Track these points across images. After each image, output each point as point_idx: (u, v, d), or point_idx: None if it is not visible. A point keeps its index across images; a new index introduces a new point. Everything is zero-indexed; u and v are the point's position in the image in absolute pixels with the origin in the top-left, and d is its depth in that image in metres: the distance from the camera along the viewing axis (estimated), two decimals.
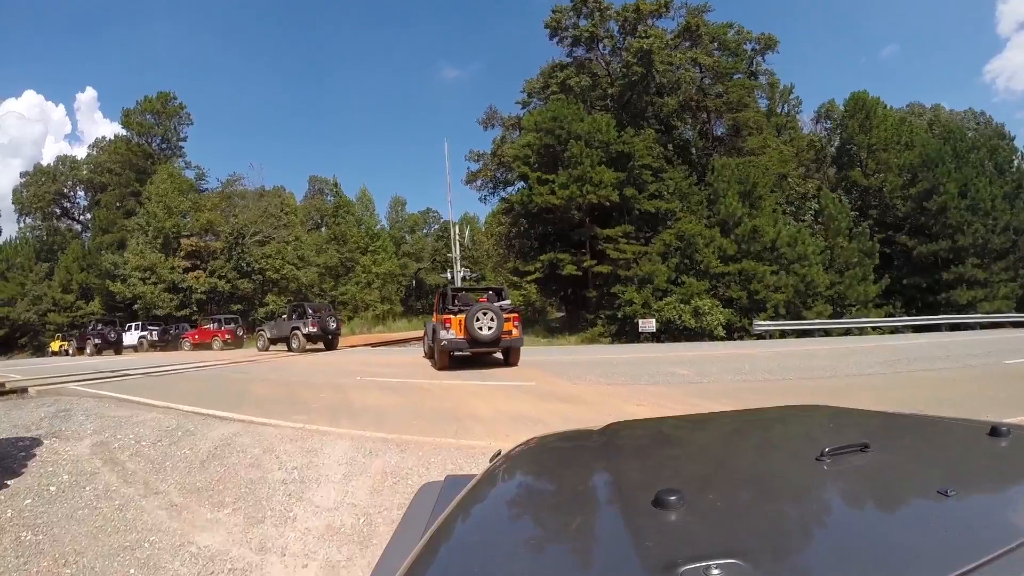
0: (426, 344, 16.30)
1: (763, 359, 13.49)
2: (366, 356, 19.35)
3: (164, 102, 49.50)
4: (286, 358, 18.96)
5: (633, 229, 28.20)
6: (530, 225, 31.20)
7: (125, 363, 19.60)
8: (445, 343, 12.65)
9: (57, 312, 44.93)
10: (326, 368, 14.66)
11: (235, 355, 22.13)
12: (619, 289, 27.27)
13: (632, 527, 0.89)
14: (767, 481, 1.15)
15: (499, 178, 36.36)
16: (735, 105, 34.40)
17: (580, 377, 11.15)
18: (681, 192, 30.89)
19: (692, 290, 26.19)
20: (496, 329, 12.58)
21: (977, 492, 1.01)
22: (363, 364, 15.35)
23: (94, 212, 50.39)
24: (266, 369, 15.00)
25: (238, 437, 6.61)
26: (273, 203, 46.07)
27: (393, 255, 57.62)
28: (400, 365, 14.70)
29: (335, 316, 23.74)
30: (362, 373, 12.90)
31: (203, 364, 17.35)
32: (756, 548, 0.79)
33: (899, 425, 1.67)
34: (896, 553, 0.78)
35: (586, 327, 28.32)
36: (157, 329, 33.61)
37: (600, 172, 26.33)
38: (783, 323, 25.59)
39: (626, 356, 15.24)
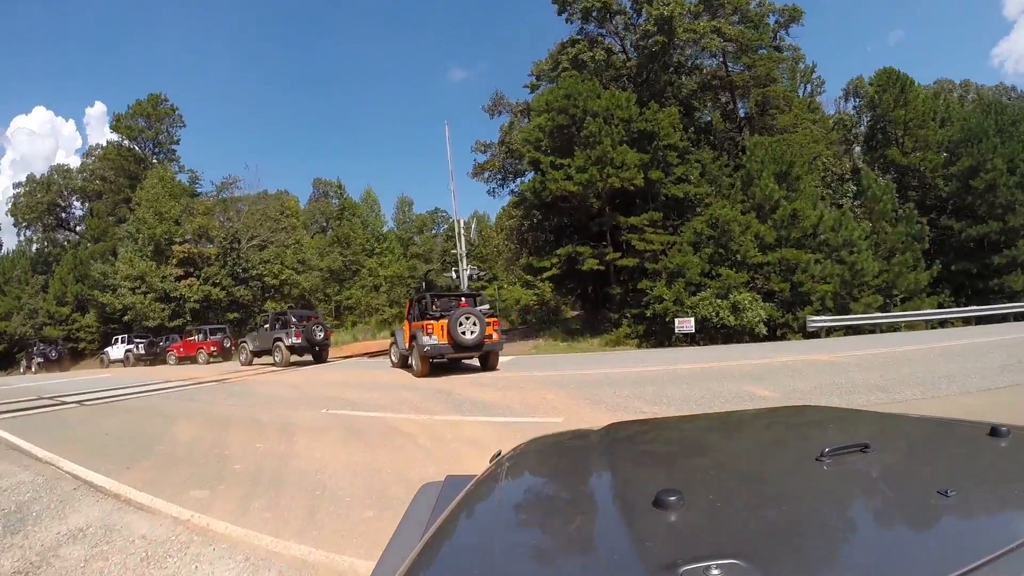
0: (395, 354, 15.92)
1: (854, 368, 10.38)
2: (352, 372, 16.49)
3: (155, 104, 47.14)
4: (257, 376, 16.18)
5: (661, 216, 25.04)
6: (544, 217, 28.06)
7: (68, 385, 16.89)
8: (428, 348, 12.61)
9: (52, 325, 43.57)
10: (292, 393, 11.81)
11: (210, 371, 19.37)
12: (647, 284, 24.21)
13: (632, 527, 0.89)
14: (767, 481, 1.16)
15: (508, 168, 33.20)
16: (762, 80, 31.18)
17: (623, 406, 8.08)
18: (711, 175, 27.85)
19: (729, 283, 23.07)
20: (479, 333, 12.70)
21: (977, 492, 1.00)
22: (342, 385, 12.54)
23: (86, 221, 48.40)
24: (221, 395, 12.11)
25: (84, 535, 4.27)
26: (272, 206, 43.58)
27: (401, 256, 55.17)
28: (385, 387, 11.79)
29: (323, 325, 21.08)
30: (333, 401, 10.00)
31: (155, 386, 14.84)
32: (756, 548, 0.79)
33: (899, 425, 1.68)
34: (896, 553, 0.78)
35: (609, 328, 25.26)
36: (143, 342, 31.76)
37: (622, 152, 23.23)
38: (842, 318, 22.43)
39: (672, 368, 12.13)
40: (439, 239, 64.12)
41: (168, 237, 37.48)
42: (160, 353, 30.42)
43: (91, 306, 40.36)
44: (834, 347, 14.97)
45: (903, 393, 7.74)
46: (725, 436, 1.69)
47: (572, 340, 24.74)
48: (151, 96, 47.33)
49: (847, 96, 41.78)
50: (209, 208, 40.38)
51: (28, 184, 51.67)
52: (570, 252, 24.28)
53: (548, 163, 24.00)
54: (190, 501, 4.91)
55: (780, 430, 1.71)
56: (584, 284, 28.02)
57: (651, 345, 23.96)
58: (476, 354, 13.55)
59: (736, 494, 1.06)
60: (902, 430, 1.60)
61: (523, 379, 11.80)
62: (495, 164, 33.28)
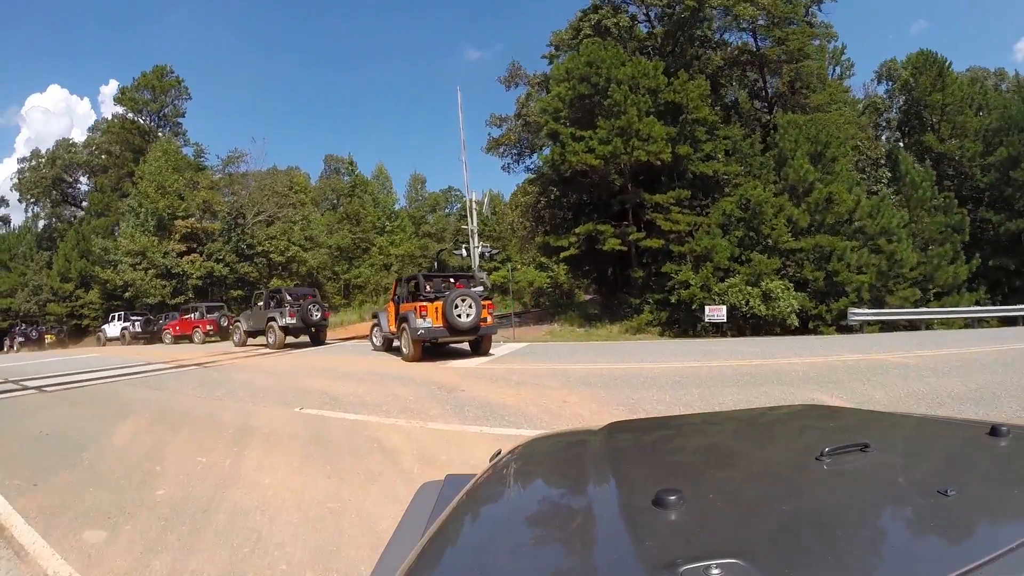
0: (377, 336, 15.52)
1: (929, 373, 8.63)
2: (346, 357, 14.87)
3: (160, 76, 45.66)
4: (245, 360, 14.67)
5: (688, 195, 23.20)
6: (562, 193, 26.16)
7: (44, 366, 15.55)
8: (422, 331, 12.03)
9: (57, 302, 42.98)
10: (271, 382, 10.27)
11: (200, 352, 18.00)
12: (671, 268, 22.46)
13: (632, 527, 0.89)
14: (767, 481, 1.16)
15: (524, 143, 31.30)
16: (795, 55, 29.06)
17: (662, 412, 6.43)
18: (741, 153, 25.96)
19: (760, 269, 21.30)
20: (475, 316, 12.25)
21: (977, 492, 1.00)
22: (329, 373, 10.98)
23: (89, 195, 47.34)
24: (192, 383, 10.57)
25: None
26: (280, 181, 42.15)
27: (412, 235, 53.79)
28: (376, 377, 10.17)
29: (321, 304, 19.32)
30: (312, 395, 8.44)
31: (132, 369, 13.56)
32: (756, 548, 0.79)
33: (899, 425, 1.69)
34: (896, 553, 0.79)
35: (630, 314, 23.55)
36: (139, 320, 30.84)
37: (649, 124, 21.33)
38: (885, 312, 20.66)
39: (715, 366, 10.37)
40: (452, 218, 62.62)
41: (171, 212, 36.30)
42: (157, 332, 29.53)
43: (94, 283, 39.54)
44: (889, 345, 13.18)
45: (1003, 407, 6.09)
46: (725, 435, 1.68)
47: (589, 326, 23.09)
48: (156, 68, 45.94)
49: (879, 79, 39.63)
50: (214, 182, 39.03)
51: (33, 159, 50.67)
52: (590, 231, 22.46)
53: (568, 135, 22.17)
54: (78, 548, 3.61)
55: (780, 430, 1.71)
56: (603, 266, 26.20)
57: (674, 334, 22.32)
58: (471, 338, 13.07)
59: (736, 494, 1.07)
60: (902, 430, 1.63)
61: (539, 372, 10.27)
62: (511, 138, 31.38)
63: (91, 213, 44.85)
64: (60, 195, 51.50)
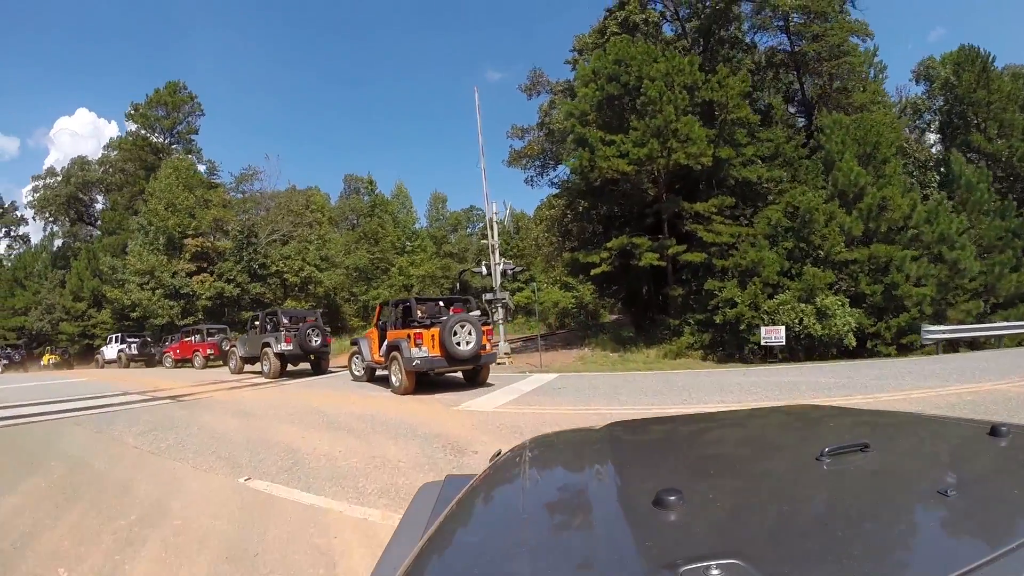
0: (358, 366, 14.05)
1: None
2: (338, 393, 12.34)
3: (173, 92, 44.74)
4: (227, 394, 12.56)
5: (733, 202, 20.90)
6: (591, 205, 23.89)
7: (8, 393, 13.69)
8: (418, 362, 10.72)
9: (69, 321, 42.26)
10: (235, 428, 8.08)
11: (189, 380, 16.07)
12: (714, 284, 20.12)
13: (632, 527, 0.91)
14: (767, 481, 1.16)
15: (548, 153, 29.25)
16: (835, 51, 26.82)
17: None
18: (785, 157, 23.67)
19: (814, 284, 18.96)
20: (475, 343, 11.10)
21: (977, 492, 0.99)
22: (309, 417, 8.76)
23: (102, 214, 46.47)
24: (142, 427, 8.36)
25: None
26: (296, 200, 40.70)
27: (433, 255, 51.96)
28: (364, 424, 7.93)
29: (321, 328, 16.83)
30: (275, 452, 6.32)
31: (94, 402, 11.63)
32: (756, 548, 0.80)
33: (899, 425, 1.68)
34: (896, 553, 0.79)
35: (668, 336, 21.21)
36: (136, 342, 29.64)
37: (688, 123, 19.10)
38: (965, 328, 18.18)
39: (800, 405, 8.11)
40: (474, 237, 60.78)
41: (181, 230, 34.88)
42: (154, 354, 28.64)
43: (105, 302, 38.41)
44: (994, 368, 10.75)
45: None
46: (725, 436, 1.67)
47: (623, 350, 20.79)
48: (169, 84, 45.22)
49: (917, 79, 37.40)
50: (226, 200, 37.62)
51: (47, 176, 50.16)
52: (624, 244, 20.13)
53: (597, 139, 20.03)
54: None
55: (780, 430, 1.70)
56: (636, 284, 23.78)
57: (718, 359, 19.97)
58: (470, 367, 11.81)
59: (736, 494, 1.06)
60: (902, 430, 1.61)
61: (579, 421, 7.75)
62: (534, 148, 29.34)
63: (103, 231, 44.02)
64: (76, 214, 50.80)
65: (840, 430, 1.56)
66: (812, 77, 28.91)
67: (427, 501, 1.41)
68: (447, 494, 1.38)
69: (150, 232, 35.42)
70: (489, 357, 11.97)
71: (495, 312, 18.17)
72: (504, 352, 17.90)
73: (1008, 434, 1.21)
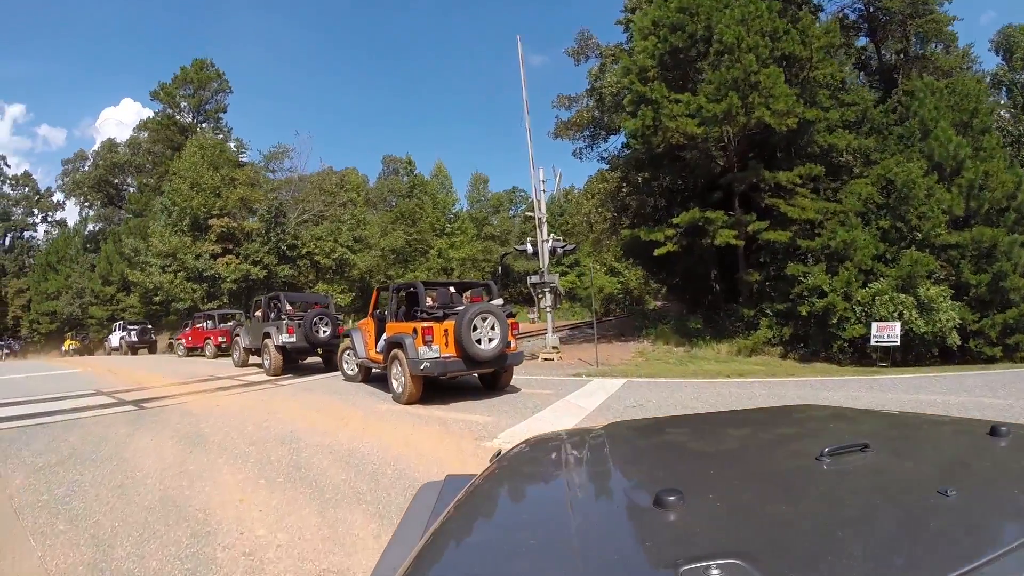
0: (350, 363, 11.45)
1: None
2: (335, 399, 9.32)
3: (199, 69, 42.95)
4: (201, 398, 9.91)
5: (822, 171, 17.55)
6: (652, 176, 20.65)
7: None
8: (427, 365, 8.11)
9: (98, 305, 41.66)
10: (160, 469, 5.18)
11: (180, 375, 13.72)
12: (797, 269, 16.96)
13: (632, 527, 0.92)
14: (767, 481, 1.15)
15: (599, 121, 26.08)
16: (919, 8, 23.27)
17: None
18: (873, 123, 20.25)
19: (915, 271, 15.70)
20: (500, 341, 8.47)
21: (977, 492, 0.99)
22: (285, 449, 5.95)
23: (128, 196, 45.22)
24: (44, 459, 5.85)
25: None
26: (329, 179, 38.57)
27: (474, 238, 49.55)
28: (361, 472, 4.99)
29: (331, 317, 13.84)
30: (190, 539, 3.66)
31: (47, 406, 9.37)
32: (756, 548, 0.78)
33: (899, 425, 1.67)
34: (896, 553, 0.78)
35: (741, 329, 18.13)
36: (136, 329, 28.84)
37: (773, 75, 15.83)
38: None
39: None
40: (516, 220, 58.03)
41: (206, 210, 32.93)
42: (155, 341, 28.87)
43: (133, 285, 37.20)
44: None
45: None
46: (725, 436, 1.62)
47: (688, 344, 17.79)
48: (195, 61, 43.57)
49: (997, 49, 33.47)
50: (252, 178, 35.60)
51: (76, 160, 49.46)
52: (695, 219, 16.92)
53: (662, 93, 16.86)
54: None
55: (780, 430, 1.66)
56: (701, 267, 20.50)
57: (799, 357, 16.90)
58: (491, 370, 9.13)
59: (736, 494, 1.05)
60: (902, 430, 1.60)
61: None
62: (584, 117, 26.15)
63: (130, 213, 42.79)
64: (106, 197, 49.84)
65: (840, 430, 1.55)
66: (899, 36, 25.36)
67: (427, 501, 1.38)
68: (447, 494, 1.35)
69: (173, 213, 33.75)
70: (515, 357, 9.35)
71: (542, 298, 15.20)
72: (552, 346, 14.97)
73: (1008, 434, 1.20)
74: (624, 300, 45.72)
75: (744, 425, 1.75)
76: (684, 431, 1.74)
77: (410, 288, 9.88)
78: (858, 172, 19.38)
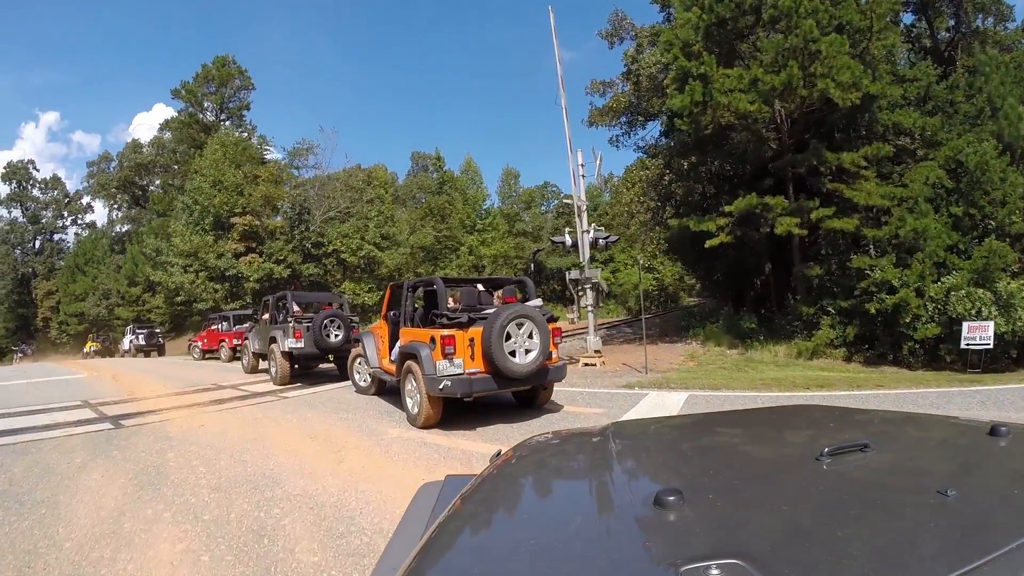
0: (362, 374, 9.99)
1: None
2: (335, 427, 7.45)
3: (220, 66, 42.26)
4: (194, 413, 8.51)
5: (891, 151, 15.64)
6: (699, 160, 18.57)
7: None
8: (447, 384, 6.49)
9: (124, 306, 41.70)
10: (81, 544, 3.78)
11: (177, 382, 12.50)
12: (864, 261, 15.12)
13: (632, 527, 0.91)
14: (767, 481, 1.15)
15: (636, 107, 24.28)
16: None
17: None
18: (936, 101, 18.28)
19: (993, 263, 13.94)
20: (540, 352, 6.80)
21: (977, 492, 1.00)
22: (251, 505, 4.45)
23: (151, 195, 44.83)
24: None
25: None
26: (355, 176, 37.56)
27: (506, 234, 48.12)
28: (374, 499, 3.91)
29: (344, 319, 12.01)
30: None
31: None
32: (756, 548, 0.79)
33: (899, 425, 1.66)
34: (896, 553, 0.78)
35: (799, 330, 16.31)
36: (144, 332, 29.08)
37: (836, 43, 13.97)
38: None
39: None
40: (549, 215, 56.39)
41: (228, 208, 32.05)
42: (162, 344, 29.09)
43: (158, 286, 36.69)
44: None
45: None
46: (725, 436, 1.62)
47: (743, 346, 16.05)
48: (217, 58, 42.93)
49: None
50: (275, 175, 34.66)
51: (100, 162, 49.46)
52: (752, 206, 14.95)
53: (711, 66, 15.04)
54: None
55: (780, 430, 1.64)
56: (753, 260, 18.61)
57: (863, 360, 15.17)
58: (527, 387, 7.51)
59: (736, 494, 1.05)
60: (902, 430, 1.58)
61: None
62: (620, 101, 24.35)
63: (154, 213, 42.35)
64: (132, 198, 49.65)
65: (840, 430, 1.53)
66: (956, 11, 23.32)
67: (427, 501, 1.38)
68: (447, 494, 1.35)
69: (195, 211, 32.96)
70: (558, 371, 7.56)
71: (582, 296, 13.50)
72: (595, 350, 13.31)
73: (1007, 434, 1.19)
74: (659, 297, 43.99)
75: (744, 425, 1.73)
76: (684, 431, 1.75)
77: (429, 286, 8.26)
78: (922, 155, 17.45)
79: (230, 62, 42.67)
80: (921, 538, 0.83)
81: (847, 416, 1.70)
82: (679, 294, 52.61)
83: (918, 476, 1.11)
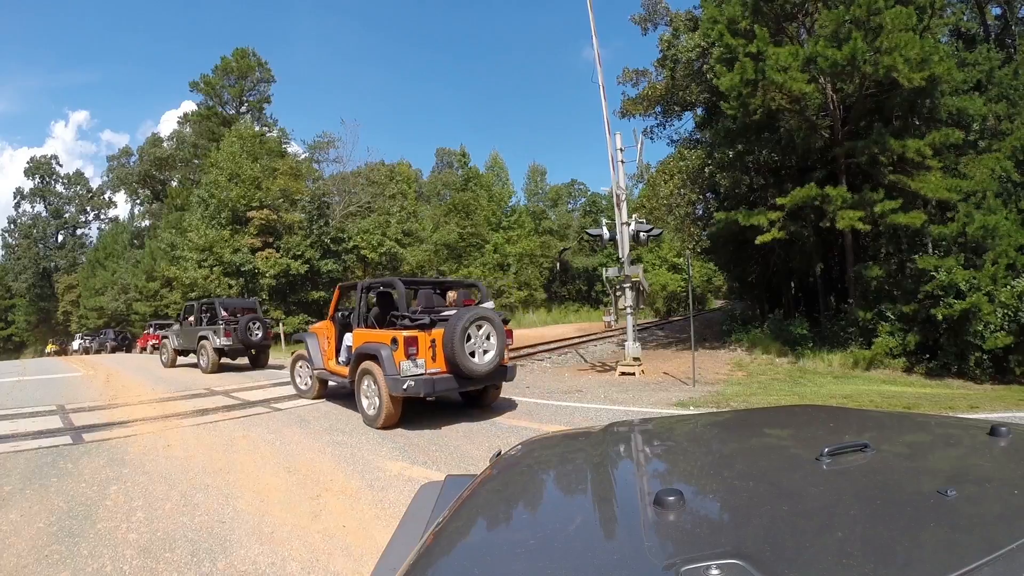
0: (303, 377, 9.51)
1: None
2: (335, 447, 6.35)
3: (240, 57, 41.59)
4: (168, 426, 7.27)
5: (962, 138, 14.05)
6: (745, 149, 16.98)
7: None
8: (411, 384, 6.69)
9: (143, 301, 40.79)
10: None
11: (178, 385, 11.45)
12: (930, 262, 13.58)
13: (632, 527, 0.90)
14: (767, 481, 1.13)
15: (673, 96, 22.74)
16: None
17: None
18: (1001, 87, 16.72)
19: None
20: (496, 353, 7.21)
21: (977, 492, 0.99)
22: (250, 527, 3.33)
23: (168, 189, 44.33)
24: None
25: None
26: (377, 171, 36.61)
27: (532, 232, 47.02)
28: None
29: (263, 321, 15.55)
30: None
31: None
32: (756, 548, 0.79)
33: (899, 425, 1.65)
34: (896, 553, 0.77)
35: (854, 337, 14.78)
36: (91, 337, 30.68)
37: (901, 16, 12.48)
38: None
39: None
40: (577, 213, 55.06)
41: (245, 203, 31.19)
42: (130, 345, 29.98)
43: (172, 281, 35.85)
44: None
45: None
46: (725, 436, 1.62)
47: (792, 353, 14.57)
48: (236, 50, 42.26)
49: None
50: (293, 168, 33.78)
51: (120, 156, 49.26)
52: (809, 197, 13.46)
53: (764, 41, 13.58)
54: None
55: (780, 430, 1.62)
56: (803, 259, 16.97)
57: (924, 372, 13.69)
58: (480, 387, 7.77)
59: (736, 494, 1.06)
60: (902, 430, 1.57)
61: None
62: (656, 89, 22.89)
63: (172, 207, 41.83)
64: (152, 192, 49.31)
65: (840, 430, 1.51)
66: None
67: (427, 501, 1.36)
68: (447, 494, 1.34)
69: (211, 205, 32.13)
70: (509, 371, 7.87)
71: (620, 295, 12.06)
72: (633, 357, 11.87)
73: (1008, 434, 1.18)
74: (687, 299, 42.47)
75: (744, 425, 1.73)
76: (684, 431, 1.72)
77: (388, 287, 8.32)
78: (984, 145, 15.83)
79: (250, 54, 42.00)
80: (921, 538, 0.82)
81: (847, 416, 1.69)
82: (706, 296, 50.77)
83: (918, 476, 1.09)
